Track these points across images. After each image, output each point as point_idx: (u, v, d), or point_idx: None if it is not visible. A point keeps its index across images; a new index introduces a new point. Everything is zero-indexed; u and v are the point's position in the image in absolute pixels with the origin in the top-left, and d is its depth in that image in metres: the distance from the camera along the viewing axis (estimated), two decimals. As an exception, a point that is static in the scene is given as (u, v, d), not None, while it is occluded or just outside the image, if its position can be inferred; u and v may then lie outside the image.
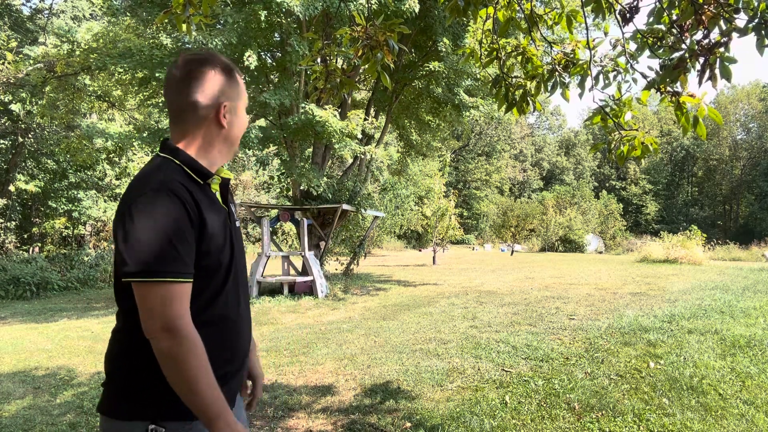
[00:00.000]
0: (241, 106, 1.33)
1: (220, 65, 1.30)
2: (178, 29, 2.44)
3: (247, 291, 1.39)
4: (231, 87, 1.30)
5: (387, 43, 2.18)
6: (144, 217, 1.09)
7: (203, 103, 1.25)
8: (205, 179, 1.25)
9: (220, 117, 1.27)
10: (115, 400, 1.20)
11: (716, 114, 2.03)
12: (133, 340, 1.17)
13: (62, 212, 18.28)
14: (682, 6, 1.93)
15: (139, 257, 1.08)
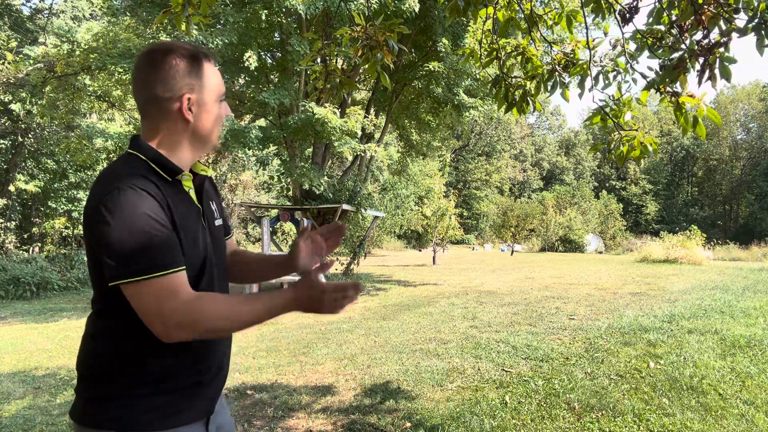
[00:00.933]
0: (209, 97, 1.21)
1: (184, 53, 1.19)
2: (178, 29, 2.44)
3: (226, 293, 1.29)
4: (196, 77, 1.20)
5: (387, 43, 2.18)
6: (117, 216, 1.03)
7: (164, 96, 1.16)
8: (173, 176, 1.18)
9: (183, 110, 1.18)
10: (83, 407, 1.16)
11: (715, 115, 2.03)
12: (103, 346, 1.16)
13: (62, 212, 18.28)
14: (681, 6, 1.93)
15: (123, 258, 1.03)
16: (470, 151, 54.01)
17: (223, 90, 1.27)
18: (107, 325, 1.15)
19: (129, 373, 1.12)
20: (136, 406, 1.11)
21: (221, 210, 1.38)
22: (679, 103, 2.09)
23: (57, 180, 18.10)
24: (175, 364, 1.15)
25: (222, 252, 1.33)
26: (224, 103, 1.28)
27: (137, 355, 1.13)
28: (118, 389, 1.12)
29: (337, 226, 1.27)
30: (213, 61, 1.26)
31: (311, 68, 2.68)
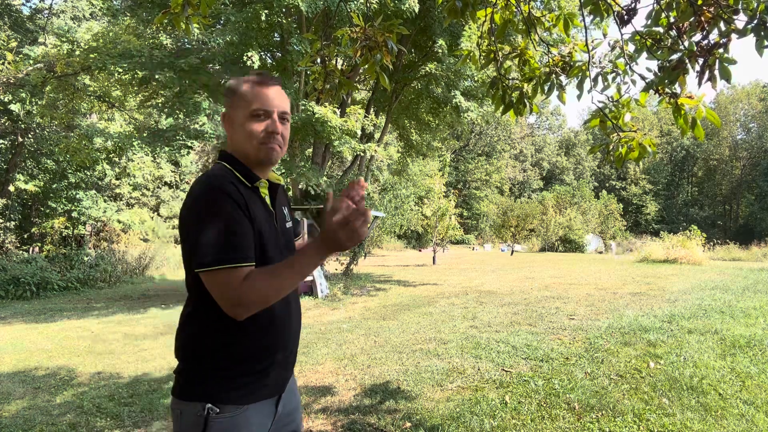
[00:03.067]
0: (240, 115, 1.39)
1: (232, 81, 1.45)
2: (177, 29, 2.44)
3: (296, 292, 1.51)
4: (233, 98, 1.42)
5: (386, 44, 2.18)
6: (203, 215, 1.25)
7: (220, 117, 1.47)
8: (252, 182, 1.38)
9: (223, 123, 1.45)
10: (180, 382, 1.36)
11: (714, 116, 2.03)
12: (198, 327, 1.35)
13: (62, 212, 18.29)
14: (681, 7, 1.93)
15: (202, 249, 1.24)
16: (470, 151, 54.00)
17: (257, 106, 1.38)
18: (194, 312, 1.36)
19: (214, 355, 1.32)
20: (221, 384, 1.31)
21: (291, 214, 1.59)
22: (678, 105, 2.09)
23: (57, 180, 18.10)
24: (252, 347, 1.34)
25: (291, 252, 1.49)
26: (264, 120, 1.39)
27: (220, 340, 1.32)
28: (213, 367, 1.32)
29: (352, 183, 1.34)
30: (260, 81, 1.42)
31: (310, 69, 2.68)
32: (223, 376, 1.31)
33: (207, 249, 1.23)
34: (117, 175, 19.57)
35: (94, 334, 7.01)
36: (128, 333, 7.02)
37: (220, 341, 1.32)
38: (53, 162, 17.55)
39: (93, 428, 3.54)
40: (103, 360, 5.53)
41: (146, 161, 19.96)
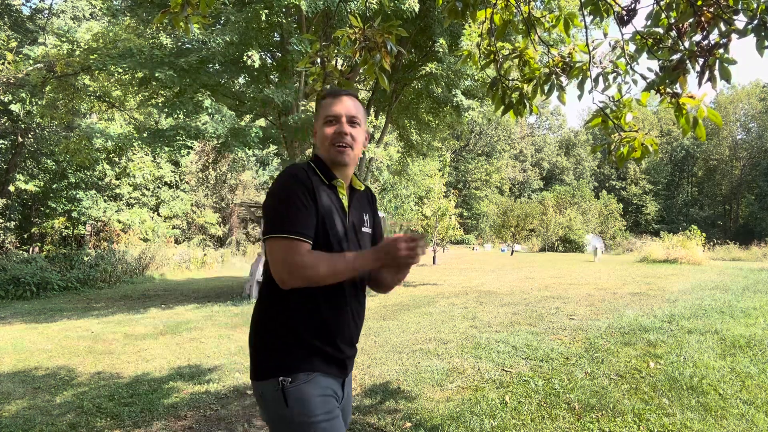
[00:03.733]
0: (319, 123, 1.62)
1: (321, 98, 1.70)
2: (176, 29, 2.44)
3: (362, 290, 1.65)
4: (316, 112, 1.69)
5: (385, 45, 2.18)
6: (276, 194, 1.47)
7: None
8: (329, 180, 1.57)
9: (314, 135, 1.68)
10: (255, 366, 1.52)
11: (716, 115, 2.03)
12: (265, 309, 1.53)
13: (62, 212, 18.29)
14: (681, 8, 1.93)
15: (270, 221, 1.45)
16: (470, 151, 54.01)
17: (327, 113, 1.59)
18: (262, 297, 1.56)
19: (279, 333, 1.49)
20: (288, 357, 1.47)
21: (373, 222, 1.74)
22: (680, 104, 2.09)
23: (57, 180, 18.10)
24: (312, 327, 1.49)
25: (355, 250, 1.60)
26: (335, 123, 1.58)
27: (283, 319, 1.49)
28: (280, 342, 1.48)
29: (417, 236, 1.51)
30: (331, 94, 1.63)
31: (309, 70, 2.68)
32: (289, 350, 1.47)
33: (273, 220, 1.44)
34: (117, 175, 19.56)
35: (94, 334, 7.01)
36: (128, 333, 7.02)
37: (284, 320, 1.48)
38: (53, 162, 17.55)
39: (93, 428, 3.54)
40: (103, 360, 5.53)
41: (146, 161, 19.95)
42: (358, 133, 1.61)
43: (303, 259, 1.40)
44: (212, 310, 8.87)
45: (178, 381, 4.60)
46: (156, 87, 10.69)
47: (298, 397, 1.42)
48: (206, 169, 24.73)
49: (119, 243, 18.51)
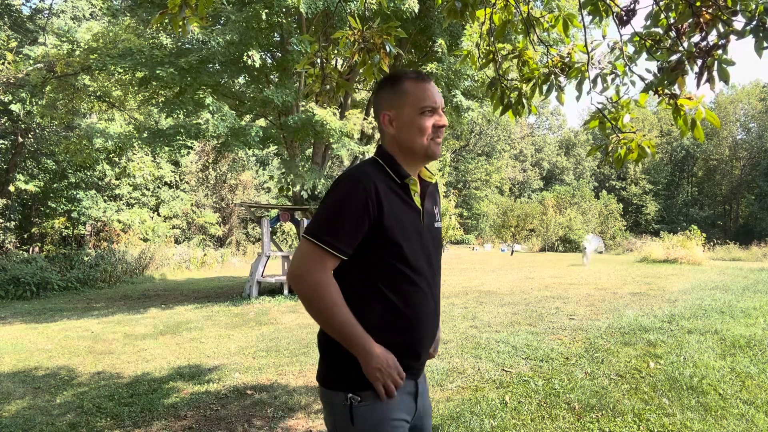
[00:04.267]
0: (407, 112, 1.44)
1: (388, 79, 1.51)
2: (174, 30, 2.44)
3: (436, 290, 1.52)
4: (394, 95, 1.47)
5: (384, 46, 2.18)
6: (332, 196, 1.38)
7: (376, 116, 1.52)
8: (402, 179, 1.44)
9: (385, 125, 1.48)
10: (323, 371, 1.45)
11: (714, 117, 2.03)
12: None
13: (62, 212, 18.29)
14: (679, 9, 1.93)
15: (315, 221, 1.39)
16: (470, 151, 53.99)
17: (426, 103, 1.44)
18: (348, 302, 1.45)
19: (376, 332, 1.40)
20: (357, 372, 1.36)
21: (440, 214, 1.62)
22: (678, 106, 2.09)
23: (57, 180, 18.10)
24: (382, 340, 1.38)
25: (438, 250, 1.55)
26: (434, 114, 1.46)
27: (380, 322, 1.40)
28: (341, 359, 1.38)
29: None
30: (419, 79, 1.47)
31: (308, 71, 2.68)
32: (357, 365, 1.36)
33: (317, 222, 1.38)
34: (117, 175, 19.56)
35: (94, 334, 7.01)
36: (128, 333, 7.02)
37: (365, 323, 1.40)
38: (53, 162, 17.55)
39: (93, 428, 3.54)
40: (103, 360, 5.53)
41: (146, 161, 19.96)
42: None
43: (321, 275, 1.34)
44: (212, 310, 8.87)
45: (178, 381, 4.60)
46: (156, 87, 10.70)
47: (366, 419, 1.36)
48: (206, 169, 24.73)
49: (119, 243, 18.51)
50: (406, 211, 1.43)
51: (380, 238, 1.37)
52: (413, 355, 1.45)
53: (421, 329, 1.45)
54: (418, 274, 1.43)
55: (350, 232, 1.36)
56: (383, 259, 1.39)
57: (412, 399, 1.47)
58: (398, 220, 1.39)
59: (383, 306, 1.39)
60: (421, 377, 1.52)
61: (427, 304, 1.46)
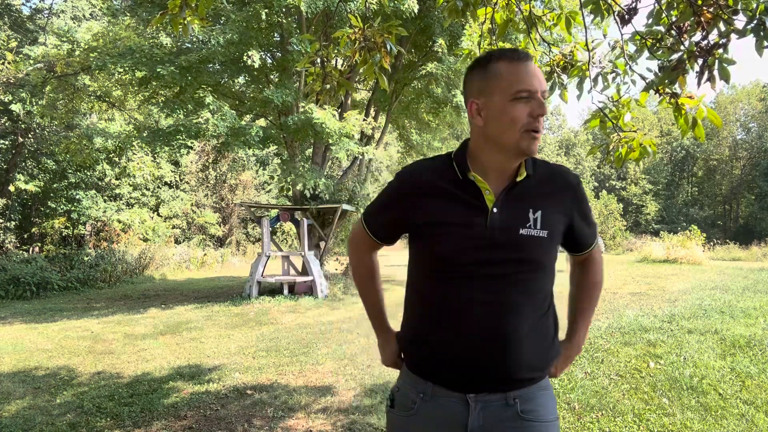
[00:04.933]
0: (498, 99, 1.22)
1: (479, 61, 1.29)
2: (174, 30, 2.44)
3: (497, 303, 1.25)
4: (484, 79, 1.25)
5: (384, 45, 2.18)
6: (388, 183, 1.42)
7: (465, 105, 1.34)
8: (463, 174, 1.29)
9: (473, 115, 1.29)
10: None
11: (715, 116, 2.03)
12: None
13: (62, 212, 18.28)
14: (680, 8, 1.93)
15: (369, 204, 1.50)
16: (470, 150, 53.96)
17: (518, 88, 1.20)
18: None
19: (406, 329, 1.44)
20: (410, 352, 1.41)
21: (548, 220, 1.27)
22: (679, 105, 2.09)
23: (57, 180, 18.09)
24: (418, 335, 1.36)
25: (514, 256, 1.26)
26: (531, 101, 1.21)
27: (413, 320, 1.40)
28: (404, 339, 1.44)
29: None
30: (515, 58, 1.23)
31: (308, 70, 2.68)
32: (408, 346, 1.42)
33: (371, 202, 1.49)
34: (117, 175, 19.56)
35: (94, 334, 7.00)
36: (128, 333, 7.02)
37: (405, 316, 1.45)
38: (53, 162, 17.54)
39: (93, 428, 3.54)
40: (103, 360, 5.53)
41: (146, 161, 19.95)
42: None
43: (358, 251, 1.53)
44: (212, 310, 8.87)
45: (178, 381, 4.60)
46: (156, 87, 10.70)
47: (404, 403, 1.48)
48: (206, 169, 24.72)
49: (119, 243, 18.51)
50: (459, 210, 1.27)
51: (416, 234, 1.33)
52: (434, 363, 1.30)
53: (447, 336, 1.28)
54: (461, 278, 1.26)
55: (380, 223, 1.44)
56: (420, 254, 1.34)
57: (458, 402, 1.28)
58: (441, 219, 1.27)
59: (418, 301, 1.38)
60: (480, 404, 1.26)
61: (467, 314, 1.26)
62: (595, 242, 1.50)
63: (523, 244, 1.25)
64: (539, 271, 1.29)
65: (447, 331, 1.28)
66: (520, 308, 1.25)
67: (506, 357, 1.24)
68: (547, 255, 1.29)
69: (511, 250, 1.25)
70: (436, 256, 1.29)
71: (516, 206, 1.27)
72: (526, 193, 1.28)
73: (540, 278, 1.30)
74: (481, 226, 1.25)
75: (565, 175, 1.35)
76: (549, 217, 1.27)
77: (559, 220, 1.30)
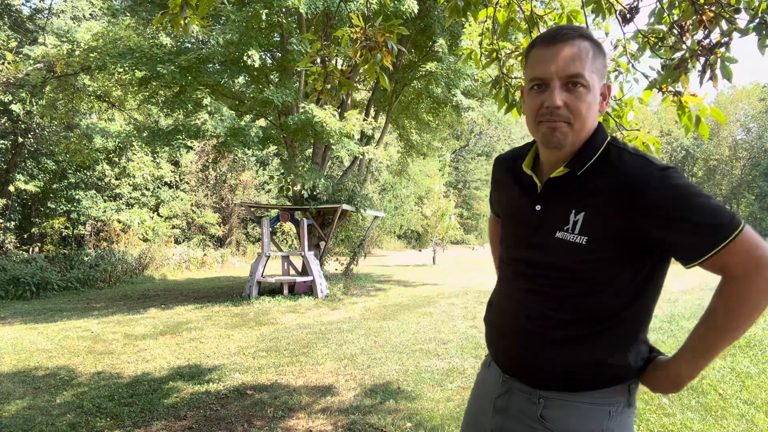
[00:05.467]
0: (525, 87, 1.17)
1: (529, 45, 1.20)
2: (175, 30, 2.44)
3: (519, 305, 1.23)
4: (526, 65, 1.18)
5: (386, 44, 2.18)
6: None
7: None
8: (518, 161, 1.27)
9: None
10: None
11: (719, 113, 2.03)
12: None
13: (62, 212, 18.28)
14: (682, 6, 1.93)
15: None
16: (470, 151, 53.98)
17: (531, 76, 1.13)
18: None
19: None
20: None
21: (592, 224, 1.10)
22: (682, 103, 2.09)
23: (57, 180, 18.08)
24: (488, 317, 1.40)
25: (538, 259, 1.19)
26: (543, 90, 1.11)
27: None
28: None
29: None
30: (541, 42, 1.14)
31: (310, 70, 2.68)
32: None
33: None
34: (117, 175, 19.55)
35: (94, 334, 7.00)
36: (128, 333, 7.01)
37: None
38: (53, 162, 17.53)
39: (93, 428, 3.54)
40: (103, 360, 5.52)
41: (146, 161, 19.95)
42: (581, 101, 1.09)
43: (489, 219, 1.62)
44: (212, 310, 8.86)
45: (178, 381, 4.59)
46: (156, 87, 10.69)
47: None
48: (206, 169, 24.71)
49: (119, 243, 18.50)
50: (516, 199, 1.25)
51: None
52: (488, 340, 1.37)
53: (493, 319, 1.35)
54: (507, 270, 1.30)
55: (491, 200, 1.48)
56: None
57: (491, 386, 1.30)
58: (503, 205, 1.36)
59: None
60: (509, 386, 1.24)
61: (504, 306, 1.29)
62: (716, 250, 1.04)
63: (554, 249, 1.14)
64: (575, 280, 1.13)
65: (490, 314, 1.38)
66: (548, 315, 1.16)
67: (531, 356, 1.19)
68: (585, 264, 1.12)
69: (543, 253, 1.17)
70: (503, 237, 1.37)
71: (559, 205, 1.15)
72: (572, 190, 1.14)
73: (579, 288, 1.14)
74: (525, 223, 1.21)
75: (632, 168, 1.08)
76: (593, 221, 1.10)
77: (609, 225, 1.09)
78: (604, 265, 1.11)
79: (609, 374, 1.15)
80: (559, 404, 1.16)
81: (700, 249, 1.06)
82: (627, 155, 1.11)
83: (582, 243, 1.10)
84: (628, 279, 1.13)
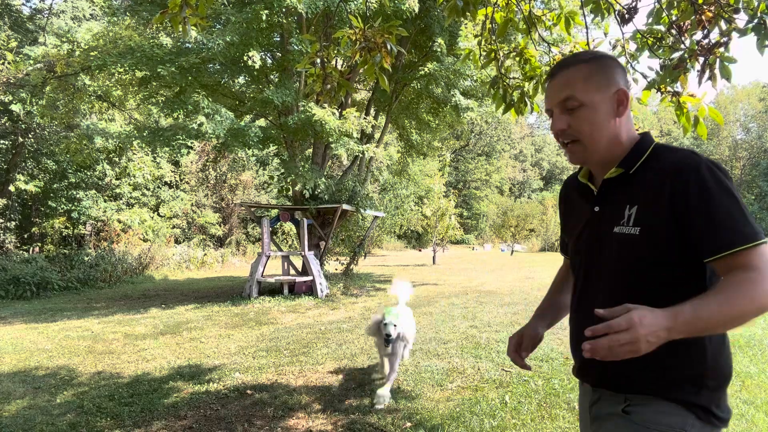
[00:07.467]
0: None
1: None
2: (174, 30, 2.44)
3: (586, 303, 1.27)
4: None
5: (385, 45, 2.18)
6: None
7: None
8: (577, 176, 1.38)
9: None
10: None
11: (717, 114, 2.03)
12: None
13: (62, 212, 18.28)
14: (681, 6, 1.93)
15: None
16: (470, 151, 53.97)
17: (545, 107, 1.30)
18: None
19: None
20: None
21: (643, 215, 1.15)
22: (680, 103, 2.09)
23: (57, 180, 18.08)
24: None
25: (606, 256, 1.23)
26: (556, 116, 1.25)
27: None
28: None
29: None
30: (550, 74, 1.30)
31: (309, 71, 2.68)
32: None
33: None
34: (117, 175, 19.55)
35: (94, 334, 7.00)
36: (128, 333, 7.01)
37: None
38: (53, 162, 17.54)
39: (93, 428, 3.54)
40: (103, 360, 5.53)
41: (146, 161, 19.96)
42: (581, 119, 1.20)
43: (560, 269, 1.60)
44: (212, 310, 8.87)
45: (178, 381, 4.60)
46: (156, 87, 10.69)
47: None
48: (206, 169, 24.72)
49: (119, 243, 18.50)
50: (577, 211, 1.37)
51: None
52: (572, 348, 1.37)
53: (572, 326, 1.37)
54: (577, 275, 1.37)
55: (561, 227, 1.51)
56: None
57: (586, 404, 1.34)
58: (567, 220, 1.45)
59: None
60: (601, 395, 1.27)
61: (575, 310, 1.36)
62: (726, 253, 1.05)
63: (614, 243, 1.20)
64: (633, 272, 1.17)
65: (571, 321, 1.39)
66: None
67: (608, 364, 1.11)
68: (638, 255, 1.15)
69: (606, 250, 1.22)
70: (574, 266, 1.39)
71: (615, 202, 1.22)
72: (625, 188, 1.21)
73: (636, 281, 1.16)
74: (591, 224, 1.29)
75: (675, 158, 1.14)
76: (644, 212, 1.15)
77: (656, 214, 1.13)
78: (656, 255, 1.13)
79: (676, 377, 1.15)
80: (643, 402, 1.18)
81: (712, 246, 1.07)
82: (675, 151, 1.18)
83: (636, 234, 1.15)
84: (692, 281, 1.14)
